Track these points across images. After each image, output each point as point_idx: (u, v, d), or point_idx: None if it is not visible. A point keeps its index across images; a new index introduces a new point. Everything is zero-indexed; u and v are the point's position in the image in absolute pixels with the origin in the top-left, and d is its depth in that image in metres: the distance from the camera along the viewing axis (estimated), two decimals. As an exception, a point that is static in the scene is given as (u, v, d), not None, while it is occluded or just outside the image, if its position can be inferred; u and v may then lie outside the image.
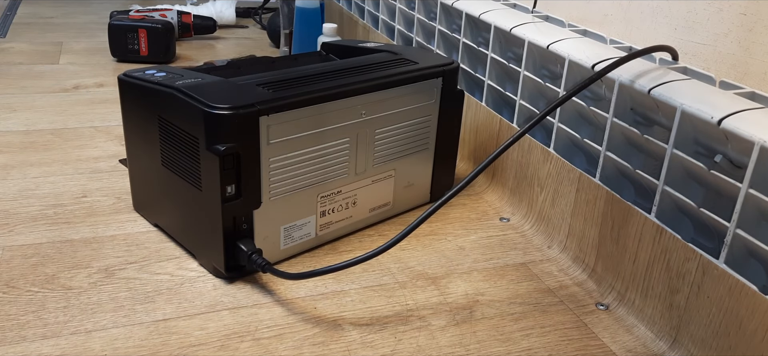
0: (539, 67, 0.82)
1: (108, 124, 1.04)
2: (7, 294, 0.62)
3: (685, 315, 0.59)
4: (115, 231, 0.74)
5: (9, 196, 0.80)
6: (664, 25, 0.73)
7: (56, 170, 0.87)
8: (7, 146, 0.93)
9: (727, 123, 0.54)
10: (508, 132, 0.86)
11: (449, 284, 0.69)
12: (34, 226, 0.74)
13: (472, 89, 0.98)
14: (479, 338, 0.61)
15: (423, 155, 0.82)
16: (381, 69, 0.75)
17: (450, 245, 0.76)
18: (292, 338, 0.59)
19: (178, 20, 1.52)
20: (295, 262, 0.71)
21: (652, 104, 0.63)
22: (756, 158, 0.52)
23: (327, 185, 0.71)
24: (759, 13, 0.62)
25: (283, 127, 0.65)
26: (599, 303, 0.67)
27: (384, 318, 0.63)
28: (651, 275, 0.63)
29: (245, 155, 0.63)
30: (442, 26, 1.03)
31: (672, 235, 0.60)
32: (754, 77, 0.63)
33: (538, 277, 0.71)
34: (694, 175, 0.61)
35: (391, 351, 0.59)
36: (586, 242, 0.72)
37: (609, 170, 0.70)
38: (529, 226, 0.81)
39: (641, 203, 0.66)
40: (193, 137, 0.63)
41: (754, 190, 0.52)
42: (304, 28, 1.23)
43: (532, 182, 0.81)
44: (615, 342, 0.62)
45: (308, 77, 0.71)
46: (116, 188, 0.84)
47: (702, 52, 0.69)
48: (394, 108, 0.75)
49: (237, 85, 0.68)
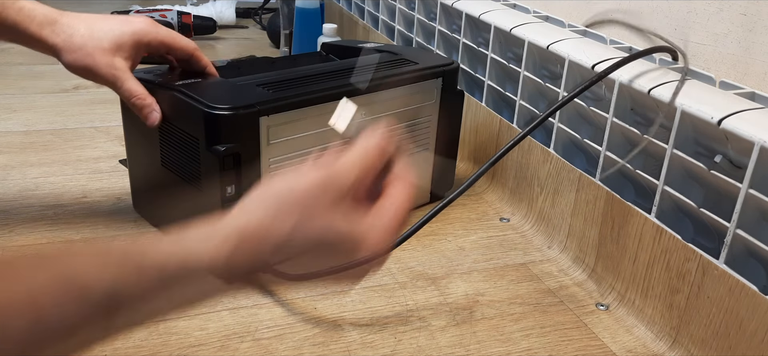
0: (539, 67, 0.82)
1: (108, 124, 1.04)
2: (7, 295, 0.62)
3: (685, 315, 0.59)
4: (115, 232, 0.74)
5: (9, 196, 0.80)
6: (664, 25, 0.73)
7: (56, 170, 0.87)
8: (7, 147, 0.93)
9: (727, 123, 0.54)
10: (508, 132, 0.86)
11: (449, 284, 0.69)
12: (34, 226, 0.74)
13: (472, 89, 0.98)
14: (479, 338, 0.61)
15: (423, 156, 0.82)
16: (381, 69, 0.75)
17: (450, 246, 0.76)
18: (292, 338, 0.59)
19: (178, 20, 1.52)
20: (295, 262, 0.71)
21: (652, 104, 0.63)
22: (756, 158, 0.52)
23: (327, 186, 0.71)
24: (759, 13, 0.62)
25: (283, 127, 0.65)
26: (599, 303, 0.67)
27: (384, 319, 0.63)
28: (651, 275, 0.63)
29: (245, 156, 0.62)
30: (442, 26, 1.03)
31: (672, 235, 0.60)
32: (754, 77, 0.63)
33: (538, 277, 0.71)
34: (694, 175, 0.61)
35: (391, 351, 0.58)
36: (586, 243, 0.72)
37: (609, 170, 0.70)
38: (529, 226, 0.81)
39: (641, 203, 0.66)
40: (193, 138, 0.63)
41: (754, 190, 0.52)
42: (304, 29, 1.23)
43: (532, 183, 0.81)
44: (615, 343, 0.62)
45: (308, 78, 0.71)
46: (116, 188, 0.84)
47: (702, 52, 0.69)
48: (394, 108, 0.75)
49: (237, 86, 0.68)
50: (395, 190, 0.40)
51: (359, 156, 0.39)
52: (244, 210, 0.37)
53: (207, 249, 0.35)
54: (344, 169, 0.38)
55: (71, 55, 0.63)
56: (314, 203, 0.36)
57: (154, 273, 0.34)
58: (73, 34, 0.63)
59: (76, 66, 0.63)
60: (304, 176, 0.37)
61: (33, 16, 0.62)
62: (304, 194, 0.36)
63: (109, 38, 0.63)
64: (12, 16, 0.62)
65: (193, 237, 0.35)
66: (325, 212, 0.37)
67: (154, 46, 0.66)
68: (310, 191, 0.36)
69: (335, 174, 0.37)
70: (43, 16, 0.63)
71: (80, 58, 0.63)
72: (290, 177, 0.37)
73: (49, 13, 0.63)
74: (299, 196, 0.36)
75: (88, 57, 0.63)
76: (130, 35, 0.64)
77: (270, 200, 0.37)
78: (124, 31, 0.64)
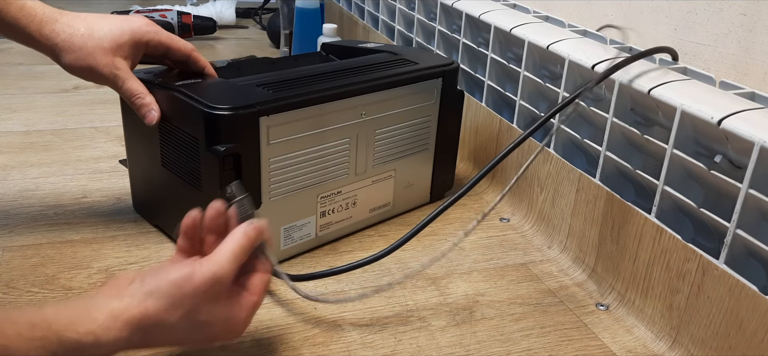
0: (539, 67, 0.82)
1: (108, 124, 1.04)
2: (7, 295, 0.62)
3: (685, 316, 0.59)
4: (115, 232, 0.74)
5: (9, 196, 0.80)
6: (664, 25, 0.73)
7: (56, 170, 0.87)
8: (7, 147, 0.93)
9: (727, 123, 0.54)
10: (508, 132, 0.86)
11: (449, 284, 0.69)
12: (34, 226, 0.74)
13: (472, 89, 0.98)
14: (479, 338, 0.61)
15: (423, 156, 0.82)
16: (381, 69, 0.75)
17: (450, 246, 0.76)
18: (292, 338, 0.59)
19: (178, 21, 1.52)
20: (295, 262, 0.71)
21: (652, 104, 0.63)
22: (756, 158, 0.52)
23: (327, 186, 0.71)
24: (759, 13, 0.62)
25: (283, 127, 0.65)
26: (599, 304, 0.67)
27: (384, 319, 0.63)
28: (651, 275, 0.63)
29: (245, 156, 0.63)
30: (442, 27, 1.03)
31: (672, 235, 0.60)
32: (754, 77, 0.63)
33: (538, 277, 0.71)
34: (694, 175, 0.61)
35: (391, 351, 0.59)
36: (586, 243, 0.72)
37: (609, 170, 0.70)
38: (529, 226, 0.81)
39: (641, 203, 0.66)
40: (193, 138, 0.63)
41: (754, 190, 0.52)
42: (304, 29, 1.23)
43: (532, 183, 0.81)
44: (615, 343, 0.62)
45: (308, 78, 0.71)
46: (116, 188, 0.84)
47: (702, 53, 0.69)
48: (394, 108, 0.75)
49: (237, 86, 0.68)
50: (255, 287, 0.51)
51: (237, 254, 0.49)
52: (143, 296, 0.45)
53: (106, 338, 0.43)
54: (226, 270, 0.47)
55: (72, 56, 0.63)
56: (203, 298, 0.46)
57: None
58: (73, 35, 0.63)
59: (77, 66, 0.63)
60: (197, 272, 0.46)
61: (34, 15, 0.62)
62: (195, 290, 0.46)
63: (109, 38, 0.63)
64: (13, 13, 0.62)
65: (96, 322, 0.43)
66: (210, 305, 0.47)
67: (152, 46, 0.66)
68: (200, 287, 0.46)
69: (220, 274, 0.47)
70: (43, 16, 0.63)
71: (81, 58, 0.63)
72: (185, 270, 0.46)
73: (50, 13, 0.63)
74: (191, 291, 0.46)
75: (89, 57, 0.63)
76: (129, 35, 0.64)
77: (168, 290, 0.45)
78: (124, 31, 0.64)
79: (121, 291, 0.45)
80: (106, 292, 0.46)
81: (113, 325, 0.43)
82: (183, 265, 0.47)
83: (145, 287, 0.45)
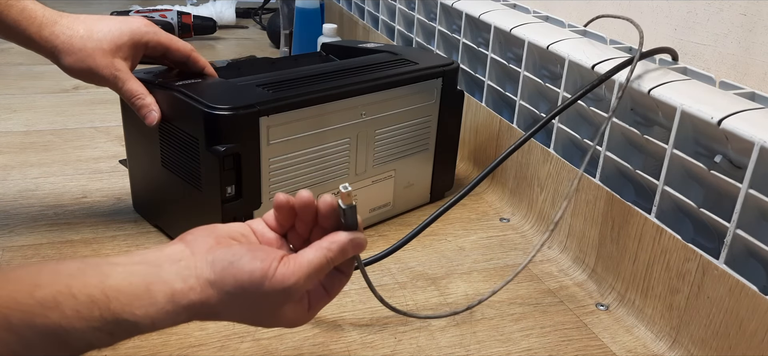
0: (539, 67, 0.82)
1: (108, 124, 1.04)
2: (7, 295, 0.62)
3: (685, 316, 0.59)
4: (115, 232, 0.74)
5: (9, 196, 0.80)
6: (664, 25, 0.73)
7: (56, 170, 0.87)
8: (7, 147, 0.93)
9: (727, 123, 0.54)
10: (508, 132, 0.86)
11: (449, 284, 0.69)
12: (34, 226, 0.74)
13: (472, 90, 0.98)
14: (479, 338, 0.61)
15: (423, 156, 0.82)
16: (381, 69, 0.75)
17: (450, 246, 0.76)
18: (292, 338, 0.59)
19: (178, 21, 1.52)
20: (295, 262, 0.71)
21: (652, 104, 0.63)
22: (756, 158, 0.52)
23: (327, 186, 0.71)
24: (759, 13, 0.62)
25: (283, 127, 0.65)
26: (599, 304, 0.67)
27: (384, 319, 0.63)
28: (651, 275, 0.63)
29: (245, 156, 0.63)
30: (442, 27, 1.03)
31: (672, 235, 0.60)
32: (754, 77, 0.63)
33: (538, 277, 0.71)
34: (694, 175, 0.61)
35: (391, 351, 0.58)
36: (586, 243, 0.72)
37: (609, 170, 0.70)
38: (529, 226, 0.81)
39: (641, 203, 0.66)
40: (193, 138, 0.63)
41: (754, 190, 0.52)
42: (304, 29, 1.23)
43: (532, 183, 0.81)
44: (615, 343, 0.62)
45: (308, 78, 0.71)
46: (116, 188, 0.84)
47: (702, 53, 0.69)
48: (394, 108, 0.75)
49: (237, 86, 0.68)
50: (333, 288, 0.48)
51: (321, 269, 0.44)
52: (208, 284, 0.41)
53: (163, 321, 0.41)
54: (302, 286, 0.43)
55: (71, 58, 0.63)
56: (270, 304, 0.43)
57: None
58: (72, 37, 0.63)
59: (77, 68, 0.63)
60: (268, 282, 0.42)
61: (34, 18, 0.62)
62: (263, 297, 0.42)
63: (109, 39, 0.63)
64: (14, 16, 0.62)
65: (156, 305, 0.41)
66: (277, 308, 0.44)
67: (152, 46, 0.67)
68: (269, 296, 0.42)
69: (293, 290, 0.42)
70: (43, 18, 0.63)
71: (81, 59, 0.63)
72: (257, 273, 0.42)
73: (50, 15, 0.63)
74: (259, 297, 0.42)
75: (88, 58, 0.63)
76: (129, 36, 0.64)
77: (234, 290, 0.41)
78: (124, 32, 0.64)
79: (188, 265, 0.42)
80: (175, 256, 0.42)
81: (172, 310, 0.41)
82: (258, 260, 0.42)
83: (213, 272, 0.41)
